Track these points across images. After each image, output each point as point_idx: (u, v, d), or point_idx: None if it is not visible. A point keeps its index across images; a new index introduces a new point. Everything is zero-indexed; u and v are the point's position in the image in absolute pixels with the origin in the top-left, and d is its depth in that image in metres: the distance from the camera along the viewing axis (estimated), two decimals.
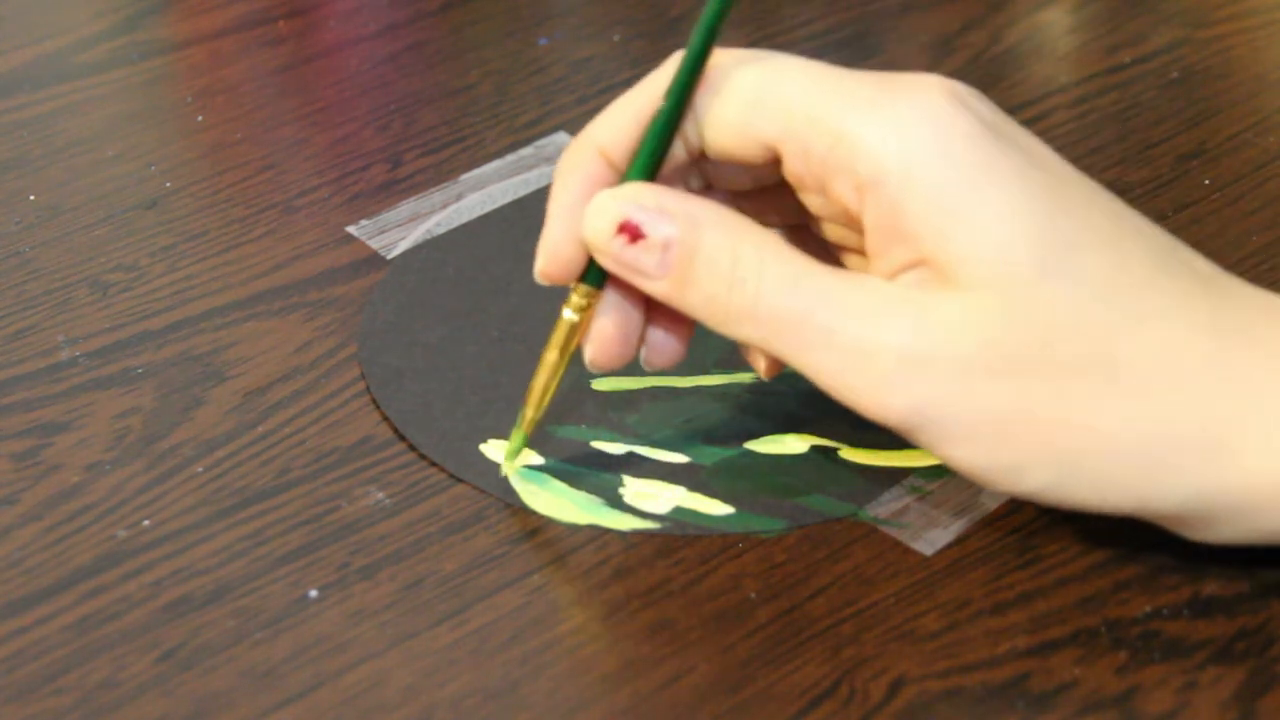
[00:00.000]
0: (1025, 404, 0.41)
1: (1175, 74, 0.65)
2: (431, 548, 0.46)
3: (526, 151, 0.61)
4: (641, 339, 0.46)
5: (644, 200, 0.43)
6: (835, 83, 0.42)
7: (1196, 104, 0.63)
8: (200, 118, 0.63)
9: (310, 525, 0.47)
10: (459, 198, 0.59)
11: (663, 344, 0.46)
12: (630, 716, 0.42)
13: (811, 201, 0.44)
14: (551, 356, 0.46)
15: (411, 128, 0.62)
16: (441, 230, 0.57)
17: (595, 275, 0.45)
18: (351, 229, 0.57)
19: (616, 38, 0.67)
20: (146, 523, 0.47)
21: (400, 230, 0.57)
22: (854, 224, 0.43)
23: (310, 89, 0.65)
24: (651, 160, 0.44)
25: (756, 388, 0.51)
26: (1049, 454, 0.41)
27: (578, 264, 0.45)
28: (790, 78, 0.43)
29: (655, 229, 0.43)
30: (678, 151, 0.44)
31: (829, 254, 0.46)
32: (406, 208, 0.58)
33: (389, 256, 0.56)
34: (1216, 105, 0.63)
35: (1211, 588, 0.44)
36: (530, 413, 0.47)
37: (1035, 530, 0.46)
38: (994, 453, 0.41)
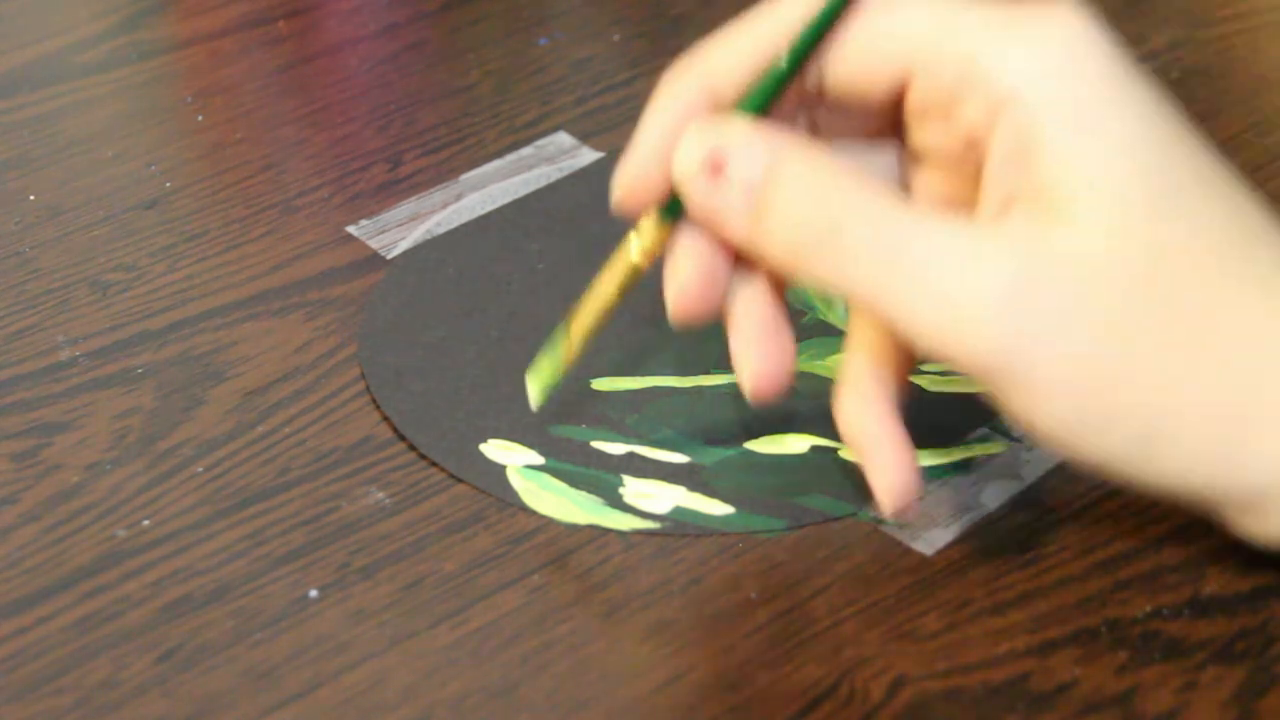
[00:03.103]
0: (1123, 348, 0.39)
1: (1175, 74, 0.65)
2: (431, 548, 0.46)
3: (526, 151, 0.61)
4: (724, 301, 0.44)
5: (737, 133, 0.41)
6: (966, 7, 0.41)
7: (1196, 104, 0.63)
8: (200, 118, 0.63)
9: (310, 525, 0.47)
10: (459, 198, 0.59)
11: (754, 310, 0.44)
12: (630, 716, 0.42)
13: (930, 135, 0.43)
14: (606, 291, 0.44)
15: (411, 128, 0.62)
16: (441, 230, 0.57)
17: (671, 210, 0.42)
18: (351, 229, 0.57)
19: (616, 38, 0.67)
20: (146, 523, 0.47)
21: (400, 230, 0.57)
22: (970, 158, 0.42)
23: (310, 89, 0.65)
24: (758, 107, 0.42)
25: None
26: (1139, 407, 0.39)
27: (658, 192, 0.42)
28: (915, 7, 0.41)
29: (740, 165, 0.41)
30: (789, 95, 0.42)
31: None
32: (406, 208, 0.58)
33: (389, 256, 0.56)
34: (1216, 105, 0.63)
35: (1211, 588, 0.44)
36: (575, 349, 0.45)
37: (1035, 530, 0.46)
38: (1082, 404, 0.39)
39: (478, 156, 0.61)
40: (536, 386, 0.47)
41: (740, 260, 0.43)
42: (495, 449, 0.49)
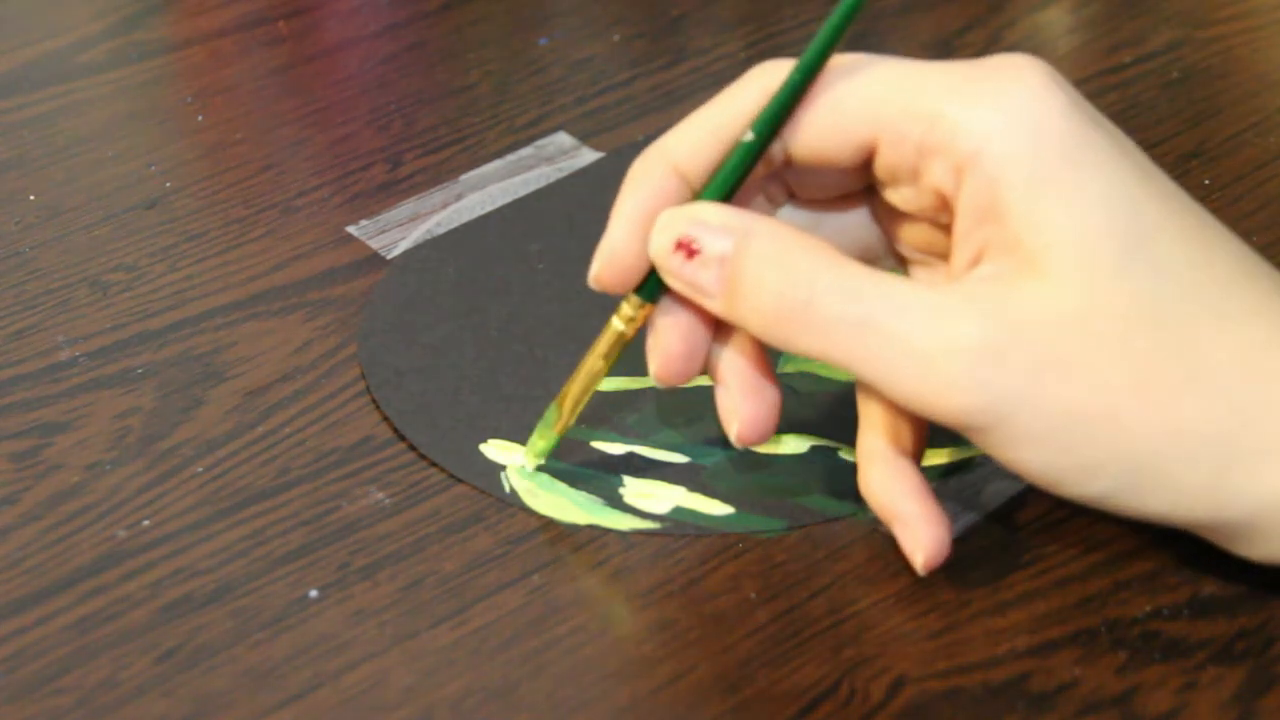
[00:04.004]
0: (1102, 399, 0.40)
1: (1175, 74, 0.65)
2: (431, 548, 0.46)
3: (526, 151, 0.61)
4: (706, 358, 0.45)
5: (706, 217, 0.43)
6: (925, 69, 0.42)
7: (1196, 104, 0.63)
8: (200, 118, 0.63)
9: (310, 525, 0.47)
10: (459, 198, 0.59)
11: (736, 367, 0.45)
12: (630, 716, 0.42)
13: (901, 195, 0.43)
14: (595, 364, 0.46)
15: (411, 128, 0.62)
16: (441, 230, 0.57)
17: (649, 289, 0.44)
18: (351, 229, 0.57)
19: (616, 38, 0.67)
20: (146, 523, 0.47)
21: (400, 230, 0.57)
22: (941, 216, 0.43)
23: (310, 89, 0.65)
24: (728, 185, 0.43)
25: None
26: (1124, 453, 0.40)
27: (634, 274, 0.44)
28: (877, 73, 0.42)
29: (711, 245, 0.42)
30: (757, 169, 0.44)
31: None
32: (406, 208, 0.58)
33: (389, 256, 0.56)
34: (1216, 105, 0.63)
35: (1211, 588, 0.44)
36: (567, 418, 0.47)
37: (1035, 530, 0.46)
38: (1067, 453, 0.40)
39: (478, 156, 0.61)
40: (531, 454, 0.48)
41: (721, 322, 0.44)
42: (495, 449, 0.49)
